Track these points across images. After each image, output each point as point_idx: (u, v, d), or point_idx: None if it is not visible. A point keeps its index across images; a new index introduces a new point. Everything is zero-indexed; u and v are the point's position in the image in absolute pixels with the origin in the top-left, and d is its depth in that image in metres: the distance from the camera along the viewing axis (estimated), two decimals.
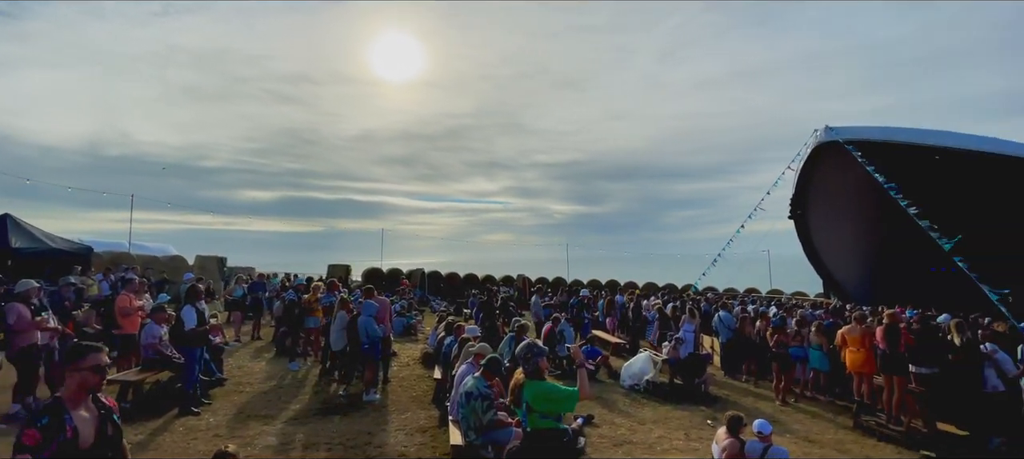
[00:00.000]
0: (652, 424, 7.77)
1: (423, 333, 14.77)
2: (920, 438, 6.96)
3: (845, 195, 17.71)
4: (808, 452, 6.75)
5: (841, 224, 19.33)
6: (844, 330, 8.93)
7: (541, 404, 3.68)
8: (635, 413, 8.31)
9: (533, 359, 3.81)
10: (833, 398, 9.37)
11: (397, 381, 9.57)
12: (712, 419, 7.73)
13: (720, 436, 5.70)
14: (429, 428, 7.00)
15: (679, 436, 7.29)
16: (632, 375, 9.77)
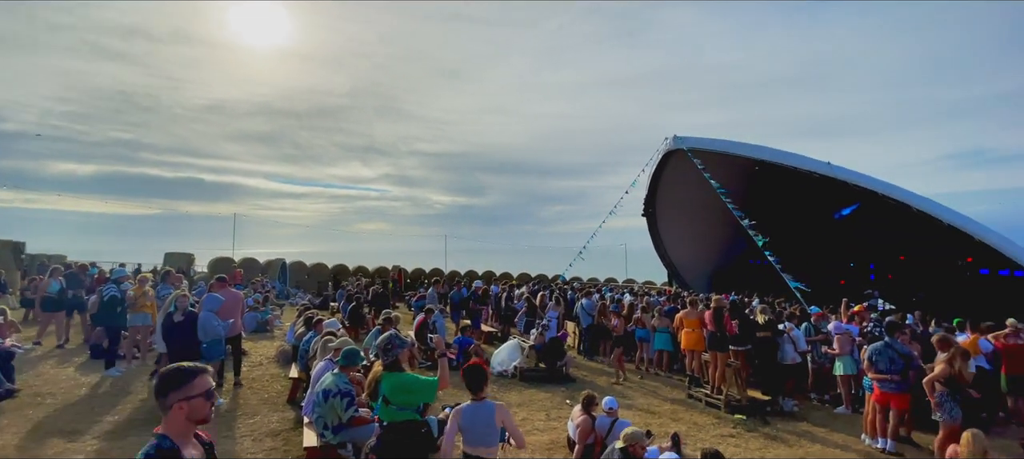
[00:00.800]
0: (517, 407, 8.09)
1: (280, 329, 13.61)
2: (735, 404, 8.20)
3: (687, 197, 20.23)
4: (648, 421, 7.56)
5: (684, 222, 22.06)
6: (682, 314, 10.17)
7: (398, 396, 3.59)
8: (502, 397, 8.56)
9: (392, 351, 3.70)
10: (672, 374, 10.66)
11: (247, 383, 8.68)
12: (570, 399, 8.28)
13: (575, 414, 6.12)
14: (282, 431, 6.46)
15: (540, 416, 7.69)
16: (501, 362, 10.05)
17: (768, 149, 15.90)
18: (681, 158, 17.76)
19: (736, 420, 7.82)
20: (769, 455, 6.49)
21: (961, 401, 6.23)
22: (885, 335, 6.97)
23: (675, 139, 17.81)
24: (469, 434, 3.70)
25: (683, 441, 6.69)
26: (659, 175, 20.18)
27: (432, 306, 10.46)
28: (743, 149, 16.30)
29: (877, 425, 6.83)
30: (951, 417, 6.13)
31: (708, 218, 20.68)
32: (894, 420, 6.68)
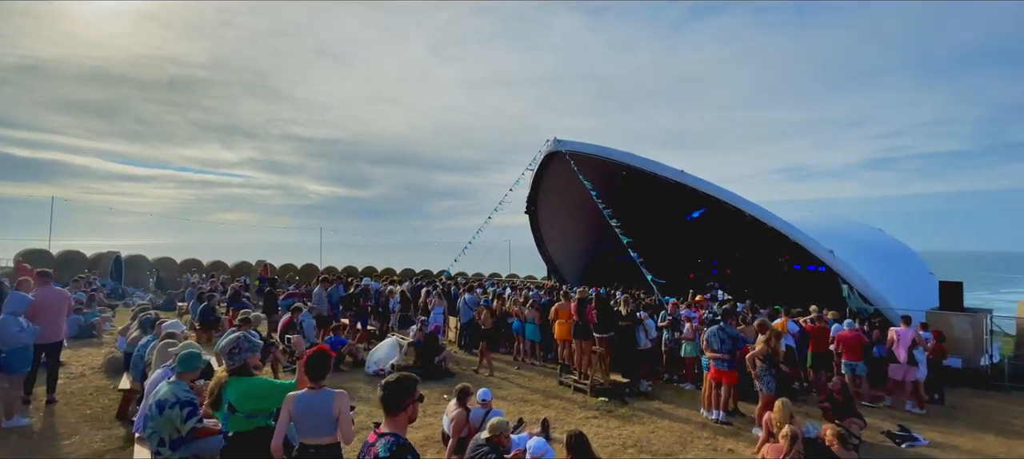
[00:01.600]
0: None
1: (111, 334, 11.66)
2: (599, 387, 8.87)
3: (565, 196, 21.41)
4: (521, 409, 7.87)
5: (562, 220, 23.31)
6: (556, 306, 10.73)
7: (247, 403, 3.26)
8: (375, 398, 8.28)
9: (238, 353, 3.34)
10: (545, 363, 11.19)
11: (64, 398, 7.29)
12: (447, 393, 8.28)
13: (450, 408, 6.12)
14: (108, 451, 5.55)
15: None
16: (377, 361, 9.71)
17: (634, 156, 17.41)
18: (561, 160, 18.71)
19: (600, 402, 8.47)
20: (626, 432, 7.13)
21: (776, 375, 7.43)
22: (720, 320, 8.04)
23: (555, 141, 18.70)
24: (303, 424, 3.26)
25: (552, 425, 7.07)
26: (541, 175, 21.06)
27: (299, 305, 9.73)
28: (613, 154, 17.65)
29: (712, 399, 7.87)
30: (768, 388, 7.27)
31: (583, 217, 22.09)
32: (725, 394, 7.75)
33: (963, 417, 8.45)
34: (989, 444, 7.11)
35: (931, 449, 6.88)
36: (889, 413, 8.47)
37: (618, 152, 17.66)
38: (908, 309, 10.50)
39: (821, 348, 9.61)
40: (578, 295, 9.53)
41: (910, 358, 8.76)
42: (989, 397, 9.80)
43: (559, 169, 19.63)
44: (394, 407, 2.65)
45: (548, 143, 19.11)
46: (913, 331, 8.98)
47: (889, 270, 14.44)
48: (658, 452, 6.47)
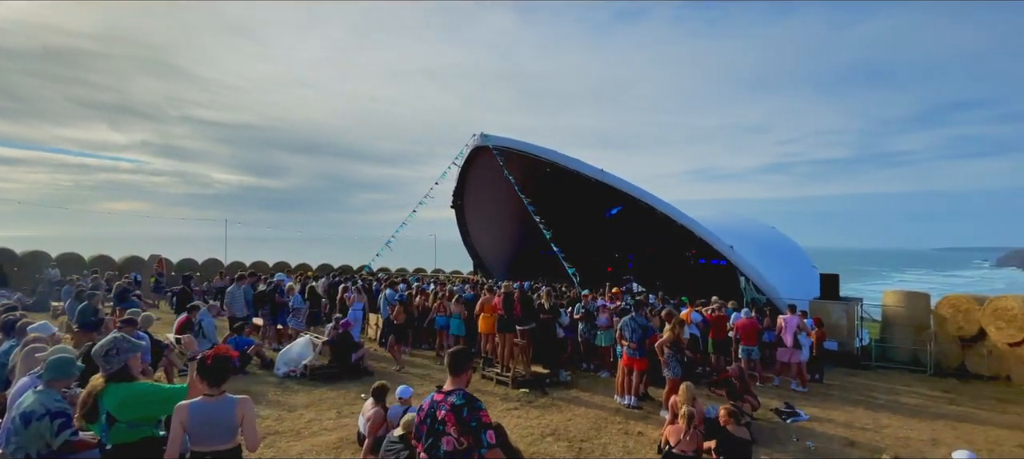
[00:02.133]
0: (304, 409, 7.50)
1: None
2: (521, 379, 9.03)
3: (491, 191, 21.50)
4: None
5: (488, 215, 23.40)
6: (481, 300, 10.75)
7: (128, 411, 2.93)
8: (286, 401, 7.84)
9: (115, 356, 2.99)
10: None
11: None
12: (364, 393, 8.02)
13: (366, 408, 5.94)
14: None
15: (331, 415, 7.28)
16: (288, 361, 9.19)
17: (558, 153, 17.87)
18: (487, 154, 18.74)
19: (521, 393, 8.62)
20: (545, 420, 7.32)
21: (681, 360, 7.98)
22: (632, 310, 8.48)
23: (482, 136, 18.69)
24: (199, 434, 3.00)
25: None
26: (468, 169, 20.96)
27: (198, 303, 8.94)
28: (538, 151, 17.99)
29: (625, 385, 8.30)
30: (674, 373, 7.78)
31: (508, 212, 22.32)
32: (636, 380, 8.21)
33: (838, 393, 9.58)
34: (858, 417, 8.12)
35: (811, 423, 7.73)
36: (777, 392, 9.41)
37: (543, 149, 18.02)
38: (794, 299, 11.71)
39: (720, 335, 10.45)
40: (504, 289, 9.62)
41: (795, 342, 9.78)
42: (859, 375, 11.19)
43: (486, 164, 19.67)
44: (458, 370, 3.32)
45: (475, 137, 19.08)
46: (798, 318, 10.02)
47: (779, 264, 16.02)
48: (574, 438, 6.71)
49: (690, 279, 18.93)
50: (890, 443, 6.91)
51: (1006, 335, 10.80)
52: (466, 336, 11.28)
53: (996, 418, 8.19)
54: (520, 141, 18.44)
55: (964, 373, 11.32)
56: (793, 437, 7.03)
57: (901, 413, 8.34)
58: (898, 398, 9.30)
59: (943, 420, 7.99)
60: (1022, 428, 7.69)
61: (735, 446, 5.47)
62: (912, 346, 12.26)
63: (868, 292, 17.94)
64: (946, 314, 11.83)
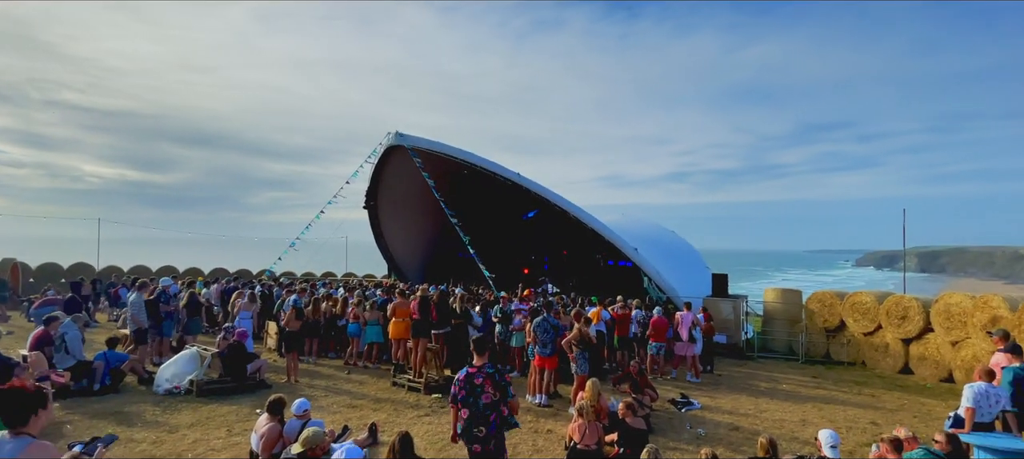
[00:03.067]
0: (188, 428, 6.78)
1: None
2: (434, 384, 8.86)
3: (406, 192, 20.98)
4: (348, 415, 7.45)
5: (403, 216, 22.79)
6: (393, 304, 10.40)
7: None
8: (167, 421, 7.04)
9: None
10: (380, 364, 10.80)
11: None
12: (260, 408, 7.42)
13: (259, 424, 5.49)
14: None
15: (220, 434, 6.65)
16: (170, 377, 8.26)
17: (475, 155, 17.85)
18: (402, 154, 18.24)
19: (434, 399, 8.46)
20: None
21: (589, 357, 8.27)
22: (543, 311, 8.66)
23: (397, 135, 18.17)
24: None
25: (380, 429, 6.83)
26: (381, 168, 20.25)
27: (57, 314, 7.76)
28: (455, 152, 17.84)
29: (536, 384, 8.45)
30: (582, 370, 8.06)
31: (424, 213, 21.90)
32: (548, 378, 8.39)
33: (727, 382, 10.49)
34: (742, 403, 8.94)
35: (703, 411, 8.38)
36: (674, 384, 10.10)
37: (460, 150, 17.91)
38: (690, 297, 12.66)
39: (623, 332, 11.03)
40: (420, 293, 9.39)
41: (690, 337, 10.56)
42: (745, 365, 12.35)
43: (401, 164, 19.15)
44: (482, 350, 4.83)
45: (389, 136, 18.49)
46: (693, 315, 10.84)
47: (677, 265, 17.26)
48: None
49: (600, 280, 19.80)
50: (767, 426, 7.68)
51: (861, 326, 12.48)
52: (382, 343, 10.88)
53: (853, 399, 9.41)
54: (437, 141, 18.20)
55: (829, 360, 12.92)
56: (687, 425, 7.57)
57: (778, 398, 9.31)
58: (776, 385, 10.38)
59: (811, 403, 9.03)
60: (874, 407, 8.90)
61: (633, 437, 5.76)
62: (787, 337, 13.77)
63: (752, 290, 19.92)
64: (814, 308, 13.43)
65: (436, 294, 10.19)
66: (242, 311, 10.48)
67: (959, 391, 5.89)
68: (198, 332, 11.33)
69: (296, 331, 9.43)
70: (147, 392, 8.29)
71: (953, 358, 10.79)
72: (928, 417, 8.33)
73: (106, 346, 8.57)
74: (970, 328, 10.51)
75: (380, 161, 19.71)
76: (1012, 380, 5.64)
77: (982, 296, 10.68)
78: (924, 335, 11.44)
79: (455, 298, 10.88)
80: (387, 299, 12.15)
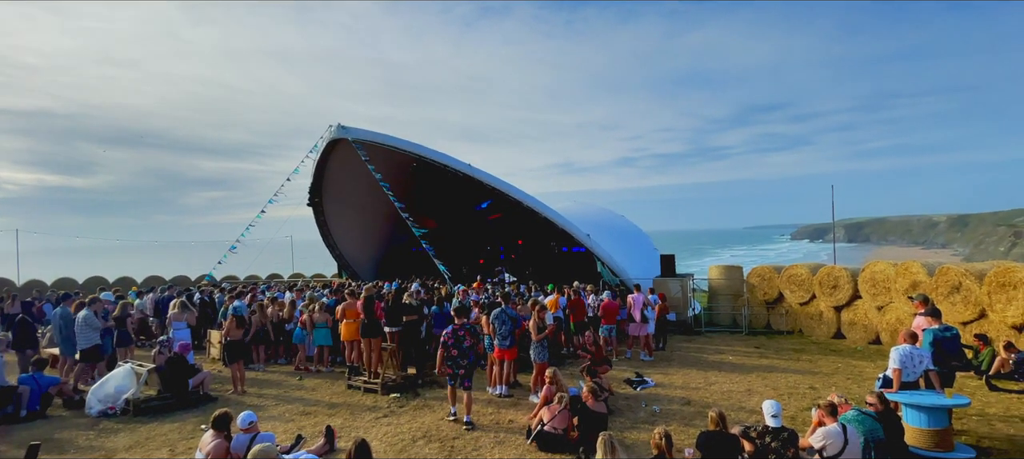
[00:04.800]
0: (126, 452, 6.33)
1: None
2: (392, 384, 8.68)
3: (354, 187, 20.34)
4: (301, 423, 7.17)
5: (351, 212, 22.10)
6: (342, 305, 10.07)
7: None
8: (102, 444, 6.54)
9: None
10: (333, 367, 10.47)
11: None
12: (204, 423, 7.01)
13: (204, 442, 5.19)
14: None
15: (162, 454, 6.25)
16: (103, 398, 7.65)
17: (424, 147, 17.46)
18: (347, 148, 17.60)
19: (392, 399, 8.29)
20: (416, 424, 7.12)
21: (547, 344, 8.35)
22: (501, 302, 8.64)
23: (339, 128, 17.50)
24: None
25: (337, 434, 6.61)
26: (325, 163, 19.49)
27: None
28: (403, 144, 17.39)
29: (497, 376, 8.45)
30: (540, 358, 8.13)
31: (374, 209, 21.31)
32: (507, 369, 8.40)
33: (678, 358, 10.90)
34: (693, 378, 9.31)
35: (657, 389, 8.67)
36: (629, 364, 10.39)
37: (408, 143, 17.48)
38: (640, 278, 13.02)
39: (580, 317, 11.22)
40: (364, 292, 9.13)
41: (642, 317, 10.88)
42: (693, 341, 12.88)
43: (346, 158, 18.49)
44: (463, 314, 7.17)
45: (331, 129, 17.78)
46: (644, 295, 11.16)
47: (628, 248, 17.73)
48: (446, 437, 6.63)
49: (555, 267, 20.03)
50: (716, 398, 8.05)
51: (797, 297, 13.29)
52: (332, 346, 10.53)
53: (793, 366, 10.03)
54: (382, 134, 17.66)
55: (770, 330, 13.70)
56: (643, 404, 7.81)
57: (725, 370, 9.77)
58: (723, 357, 10.90)
59: (755, 373, 9.55)
60: (811, 373, 9.51)
61: (593, 420, 5.88)
62: (731, 311, 14.48)
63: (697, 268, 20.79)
64: (755, 282, 14.17)
65: (390, 292, 9.96)
66: (174, 322, 9.83)
67: (886, 352, 6.39)
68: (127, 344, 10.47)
69: (238, 340, 8.94)
70: (78, 415, 7.65)
71: (880, 322, 11.69)
72: (860, 378, 9.00)
73: (33, 368, 7.83)
74: (893, 293, 11.40)
75: (323, 155, 18.96)
76: (932, 341, 6.16)
77: (903, 263, 11.61)
78: (853, 302, 12.33)
79: (410, 294, 10.68)
80: (336, 300, 11.78)
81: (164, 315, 12.51)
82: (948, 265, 10.86)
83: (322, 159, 18.92)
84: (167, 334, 10.04)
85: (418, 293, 12.33)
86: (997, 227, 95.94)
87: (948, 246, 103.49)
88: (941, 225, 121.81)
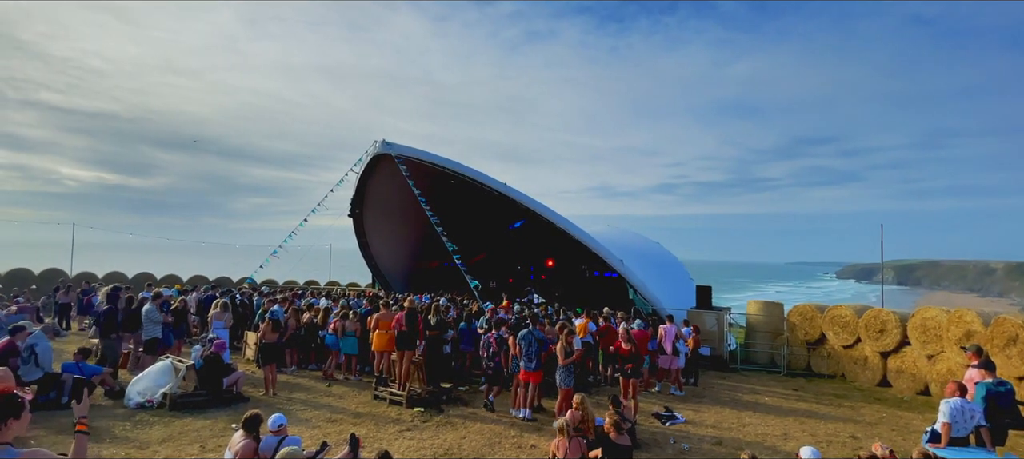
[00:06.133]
0: (159, 445, 6.56)
1: None
2: (416, 398, 8.73)
3: (392, 201, 20.82)
4: (327, 430, 7.28)
5: (388, 225, 22.60)
6: (376, 316, 10.25)
7: None
8: (137, 436, 6.81)
9: None
10: (361, 376, 10.62)
11: None
12: (236, 423, 7.22)
13: (234, 441, 5.33)
14: None
15: (193, 450, 6.45)
16: (142, 391, 8.01)
17: (462, 165, 17.80)
18: (389, 162, 18.11)
19: (416, 413, 8.32)
20: (438, 440, 7.12)
21: (573, 371, 8.22)
22: (529, 323, 8.60)
23: (384, 143, 18.05)
24: None
25: (362, 443, 6.66)
26: (367, 177, 20.09)
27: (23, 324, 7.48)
28: (442, 161, 17.78)
29: (521, 398, 8.37)
30: (566, 383, 8.01)
31: (410, 223, 21.74)
32: (532, 392, 8.31)
33: (710, 395, 10.51)
34: (726, 417, 8.95)
35: (686, 426, 8.37)
36: (658, 398, 10.09)
37: (447, 160, 17.84)
38: (674, 309, 12.70)
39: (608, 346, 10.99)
40: (406, 304, 9.27)
41: (673, 350, 10.58)
42: (728, 378, 12.40)
43: (387, 172, 19.00)
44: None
45: (376, 144, 18.36)
46: (676, 327, 10.86)
47: (662, 277, 17.35)
48: (467, 457, 6.59)
49: (585, 291, 19.80)
50: (750, 440, 7.69)
51: (841, 339, 12.65)
52: (359, 355, 10.71)
53: (833, 413, 9.50)
54: (424, 151, 18.11)
55: (810, 373, 13.04)
56: (671, 440, 7.54)
57: (760, 411, 9.35)
58: (758, 398, 10.43)
59: (793, 416, 9.09)
60: (853, 420, 8.98)
61: (617, 453, 5.71)
62: (770, 349, 13.89)
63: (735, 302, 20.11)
64: (796, 321, 13.58)
65: (423, 305, 10.08)
66: (215, 321, 10.22)
67: (935, 404, 5.97)
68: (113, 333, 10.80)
69: (274, 343, 9.22)
70: (116, 406, 8.02)
71: (929, 371, 10.97)
72: (906, 430, 8.43)
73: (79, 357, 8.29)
74: (945, 342, 10.70)
75: (366, 169, 19.55)
76: (985, 396, 5.73)
77: (956, 311, 10.90)
78: (901, 348, 11.63)
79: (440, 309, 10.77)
80: (370, 310, 12.00)
81: (206, 314, 13.06)
82: (1005, 316, 10.13)
83: (365, 172, 19.49)
84: (208, 332, 10.44)
85: (447, 309, 12.39)
86: None
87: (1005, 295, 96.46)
88: (998, 272, 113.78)
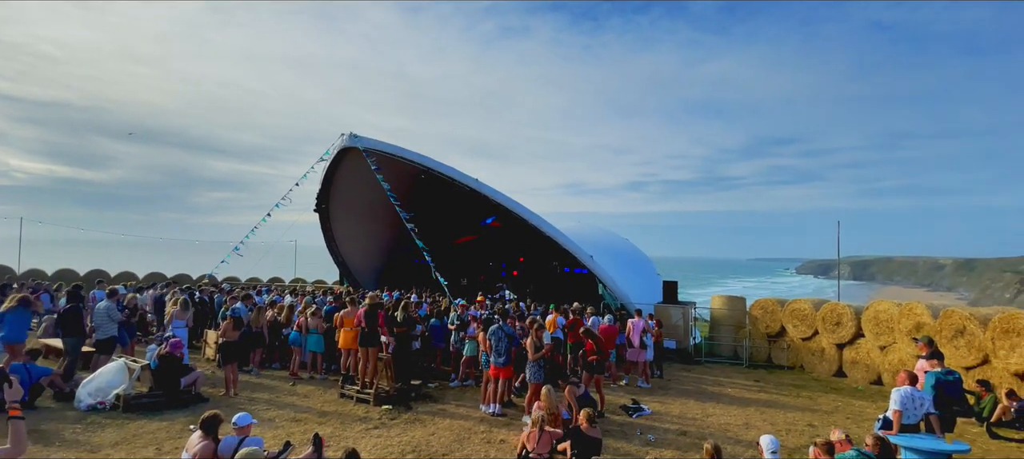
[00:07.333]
0: (112, 448, 6.26)
1: None
2: (384, 396, 8.59)
3: (360, 195, 20.43)
4: (291, 429, 7.09)
5: (356, 220, 22.17)
6: (341, 313, 10.03)
7: None
8: (88, 440, 6.48)
9: None
10: (327, 375, 10.39)
11: None
12: (193, 424, 6.95)
13: (191, 443, 5.13)
14: None
15: (148, 453, 6.18)
16: (94, 392, 7.61)
17: (433, 160, 17.60)
18: (357, 156, 17.72)
19: (383, 411, 8.20)
20: (406, 437, 7.03)
21: (544, 365, 8.26)
22: (499, 319, 8.58)
23: (351, 136, 17.65)
24: None
25: (326, 442, 6.51)
26: (334, 171, 19.63)
27: None
28: (413, 156, 17.53)
29: (492, 394, 8.35)
30: (536, 378, 8.03)
31: (379, 218, 21.38)
32: (501, 388, 8.31)
33: (676, 387, 10.75)
34: (690, 408, 9.17)
35: (653, 417, 8.53)
36: (626, 390, 10.25)
37: (418, 154, 17.61)
38: (642, 303, 12.92)
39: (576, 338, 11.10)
40: (368, 301, 9.09)
41: (641, 343, 10.76)
42: (693, 370, 12.71)
43: (355, 166, 18.61)
44: None
45: (343, 137, 17.93)
46: (644, 322, 11.05)
47: (630, 272, 17.65)
48: (436, 453, 6.54)
49: (556, 286, 19.93)
50: (713, 429, 7.90)
51: (800, 331, 13.14)
52: (325, 353, 10.48)
53: (792, 402, 9.86)
54: (393, 145, 17.81)
55: (770, 364, 13.51)
56: (637, 431, 7.67)
57: (723, 402, 9.62)
58: (722, 389, 10.73)
59: (754, 406, 9.39)
60: (811, 410, 9.34)
61: (588, 445, 5.77)
62: (733, 342, 14.31)
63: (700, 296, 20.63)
64: (757, 315, 14.03)
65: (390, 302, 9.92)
66: (175, 319, 9.81)
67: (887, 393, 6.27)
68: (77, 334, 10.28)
69: (234, 341, 8.90)
70: (66, 408, 7.60)
71: (882, 362, 11.52)
72: (860, 418, 8.83)
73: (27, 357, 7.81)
74: (897, 334, 11.25)
75: (333, 163, 19.10)
76: (934, 384, 6.05)
77: (907, 304, 11.47)
78: (856, 340, 12.16)
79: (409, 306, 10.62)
80: (335, 307, 11.74)
81: (163, 312, 12.53)
82: (953, 308, 10.72)
83: (332, 166, 19.05)
84: (165, 330, 10.01)
85: (418, 305, 12.25)
86: (1003, 273, 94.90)
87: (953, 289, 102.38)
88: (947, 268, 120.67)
